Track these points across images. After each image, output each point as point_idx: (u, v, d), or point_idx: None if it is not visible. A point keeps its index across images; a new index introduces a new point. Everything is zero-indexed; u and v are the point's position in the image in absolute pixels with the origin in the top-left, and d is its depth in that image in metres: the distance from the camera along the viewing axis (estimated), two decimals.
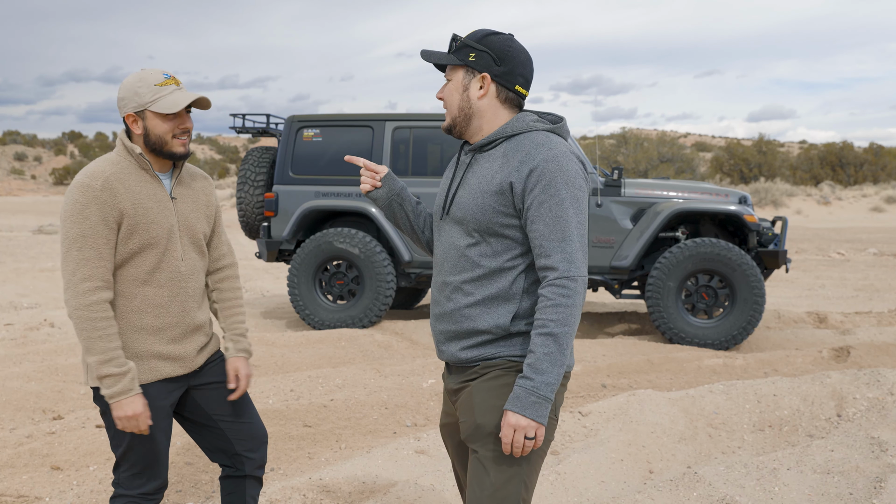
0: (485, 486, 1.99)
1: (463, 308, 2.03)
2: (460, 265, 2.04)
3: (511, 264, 2.00)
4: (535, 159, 1.95)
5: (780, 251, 7.02)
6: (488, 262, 2.00)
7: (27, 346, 6.60)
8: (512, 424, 1.90)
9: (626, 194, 7.21)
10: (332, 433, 4.41)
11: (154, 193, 2.34)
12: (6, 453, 3.90)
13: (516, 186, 1.95)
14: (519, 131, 2.03)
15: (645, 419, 4.16)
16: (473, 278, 2.02)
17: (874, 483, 3.25)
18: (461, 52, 2.05)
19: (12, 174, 56.23)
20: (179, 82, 2.34)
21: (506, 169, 1.98)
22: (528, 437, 1.90)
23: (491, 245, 2.00)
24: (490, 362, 2.02)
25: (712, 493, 3.24)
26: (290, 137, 7.60)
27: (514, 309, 1.99)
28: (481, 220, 1.99)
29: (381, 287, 7.30)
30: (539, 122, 2.05)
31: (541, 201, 1.93)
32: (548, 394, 1.89)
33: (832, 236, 19.95)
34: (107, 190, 2.24)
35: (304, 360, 6.11)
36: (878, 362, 6.03)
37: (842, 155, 37.94)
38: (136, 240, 2.29)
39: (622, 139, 40.37)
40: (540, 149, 1.96)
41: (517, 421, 1.90)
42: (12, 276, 11.36)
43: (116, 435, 2.36)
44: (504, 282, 1.99)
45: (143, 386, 2.35)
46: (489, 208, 1.98)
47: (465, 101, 2.06)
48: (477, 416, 2.02)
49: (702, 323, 6.94)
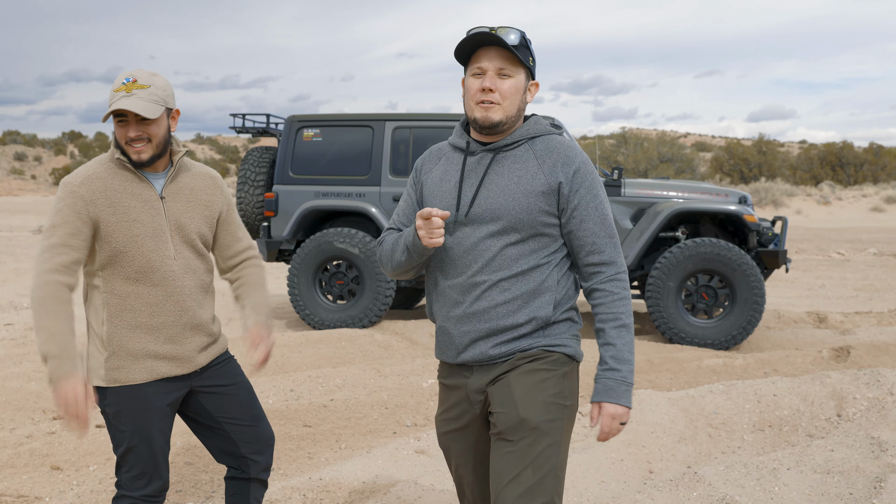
0: (523, 481, 1.98)
1: (500, 305, 2.04)
2: (496, 264, 2.04)
3: (547, 260, 2.05)
4: (576, 161, 2.04)
5: (780, 251, 7.03)
6: (527, 259, 2.04)
7: (27, 346, 6.60)
8: (611, 414, 2.01)
9: (625, 194, 7.21)
10: (332, 433, 4.41)
11: (139, 193, 2.35)
12: (6, 453, 3.90)
13: (563, 186, 2.02)
14: (540, 133, 2.09)
15: (645, 419, 4.16)
16: (511, 275, 2.04)
17: (874, 483, 3.25)
18: (523, 51, 2.03)
19: (12, 174, 56.23)
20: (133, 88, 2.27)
21: (545, 170, 2.03)
22: (622, 422, 2.02)
23: (528, 244, 2.04)
24: (526, 353, 2.05)
25: (712, 493, 3.24)
26: (290, 137, 7.59)
27: (552, 300, 2.04)
28: (525, 220, 2.02)
29: (381, 287, 7.30)
30: (549, 125, 2.13)
31: (587, 201, 2.02)
32: (632, 380, 2.02)
33: (832, 236, 19.95)
34: (84, 185, 2.29)
35: (304, 360, 6.11)
36: (878, 362, 6.03)
37: (842, 155, 37.95)
38: (118, 237, 2.30)
39: (622, 139, 40.38)
40: (574, 151, 2.05)
41: (615, 410, 2.01)
42: (12, 276, 11.36)
43: (116, 436, 2.36)
44: (541, 276, 2.04)
45: (140, 386, 2.34)
46: (535, 208, 2.02)
47: (522, 102, 2.07)
48: (521, 410, 2.01)
49: (702, 323, 6.94)
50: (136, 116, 2.28)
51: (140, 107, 2.26)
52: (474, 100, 2.03)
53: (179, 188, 2.43)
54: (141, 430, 2.35)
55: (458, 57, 2.07)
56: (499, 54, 2.01)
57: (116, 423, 2.36)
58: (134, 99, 2.26)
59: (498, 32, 2.00)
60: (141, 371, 2.34)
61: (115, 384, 2.33)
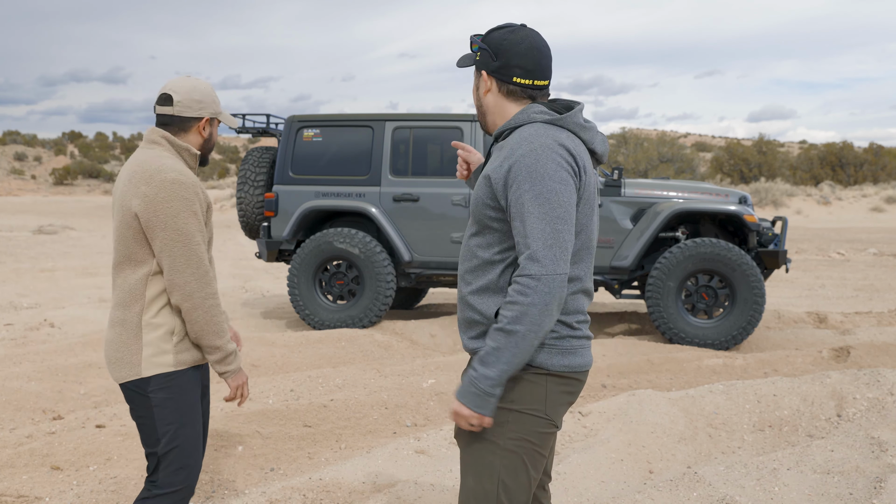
0: (465, 488, 2.02)
1: (464, 297, 2.07)
2: (464, 255, 2.09)
3: (499, 257, 2.01)
4: (515, 155, 1.93)
5: (780, 251, 7.02)
6: (482, 253, 2.03)
7: (27, 346, 6.60)
8: (454, 411, 1.95)
9: (625, 194, 7.21)
10: (332, 433, 4.41)
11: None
12: (6, 453, 3.90)
13: (496, 182, 1.96)
14: (518, 124, 2.02)
15: (645, 419, 4.16)
16: (472, 268, 2.05)
17: (874, 483, 3.25)
18: (471, 53, 2.13)
19: (12, 174, 56.22)
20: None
21: (495, 162, 2.00)
22: (471, 423, 1.92)
23: (485, 237, 2.03)
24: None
25: (712, 493, 3.24)
26: (290, 137, 7.59)
27: (499, 301, 1.99)
28: (475, 211, 2.04)
29: (381, 287, 7.30)
30: (542, 113, 2.02)
31: (516, 198, 1.91)
32: (488, 388, 1.88)
33: (832, 236, 19.95)
34: (196, 186, 2.38)
35: (304, 360, 6.11)
36: (878, 362, 6.03)
37: (842, 155, 37.93)
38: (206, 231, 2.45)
39: (622, 139, 40.38)
40: (521, 144, 1.94)
41: (459, 409, 1.93)
42: (12, 276, 11.36)
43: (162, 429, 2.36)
44: (493, 274, 2.01)
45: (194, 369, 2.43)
46: (479, 199, 2.02)
47: (477, 99, 2.13)
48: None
49: (702, 323, 6.94)
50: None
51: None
52: None
53: None
54: (192, 417, 2.41)
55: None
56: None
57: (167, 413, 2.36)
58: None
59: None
60: (195, 353, 2.43)
61: (183, 366, 2.38)
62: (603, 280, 7.16)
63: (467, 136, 7.25)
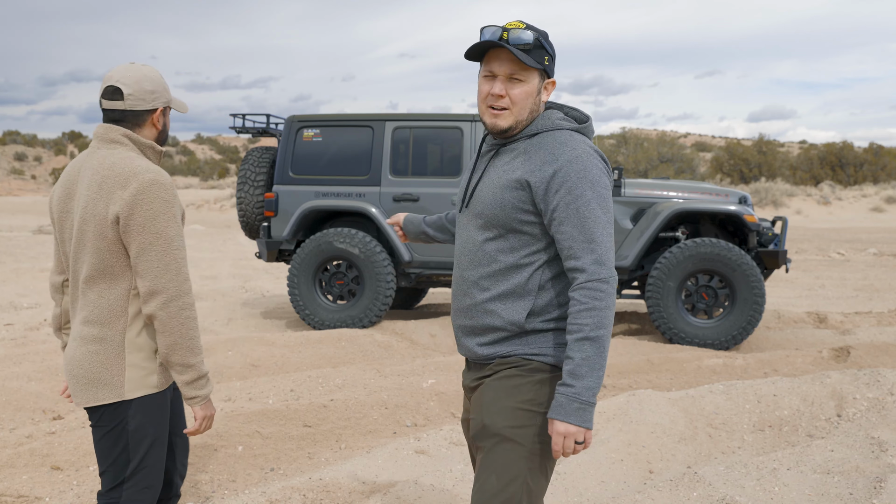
0: (486, 489, 1.98)
1: (480, 303, 2.01)
2: (477, 259, 2.02)
3: (528, 260, 1.97)
4: (559, 160, 1.91)
5: (780, 251, 7.02)
6: (505, 258, 1.98)
7: (27, 346, 6.60)
8: (561, 432, 1.90)
9: (626, 194, 7.21)
10: (332, 433, 4.41)
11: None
12: (6, 453, 3.90)
13: (537, 185, 1.92)
14: (543, 129, 1.99)
15: (645, 419, 4.16)
16: (490, 273, 2.00)
17: (874, 483, 3.25)
18: (537, 53, 1.95)
19: (12, 174, 56.25)
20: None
21: (527, 166, 1.95)
22: (577, 441, 1.90)
23: (508, 240, 1.98)
24: (506, 360, 2.00)
25: (712, 493, 3.24)
26: (290, 137, 7.59)
27: (529, 306, 1.96)
28: (500, 215, 1.97)
29: (381, 287, 7.30)
30: (564, 120, 2.01)
31: (567, 202, 1.89)
32: (590, 398, 1.88)
33: (832, 236, 19.95)
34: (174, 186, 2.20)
35: (304, 360, 6.11)
36: (878, 362, 6.03)
37: (842, 155, 37.93)
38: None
39: (622, 139, 40.39)
40: (563, 148, 1.93)
41: (566, 429, 1.89)
42: (12, 276, 11.36)
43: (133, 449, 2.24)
44: (520, 278, 1.97)
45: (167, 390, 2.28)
46: (507, 203, 1.95)
47: (536, 104, 1.99)
48: (485, 415, 2.01)
49: (702, 323, 6.94)
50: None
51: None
52: (485, 103, 1.99)
53: None
54: (161, 437, 2.28)
55: (470, 55, 1.99)
56: (510, 57, 1.93)
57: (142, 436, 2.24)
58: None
59: (511, 33, 1.91)
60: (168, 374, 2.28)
61: (164, 387, 2.25)
62: None
63: (467, 135, 7.25)
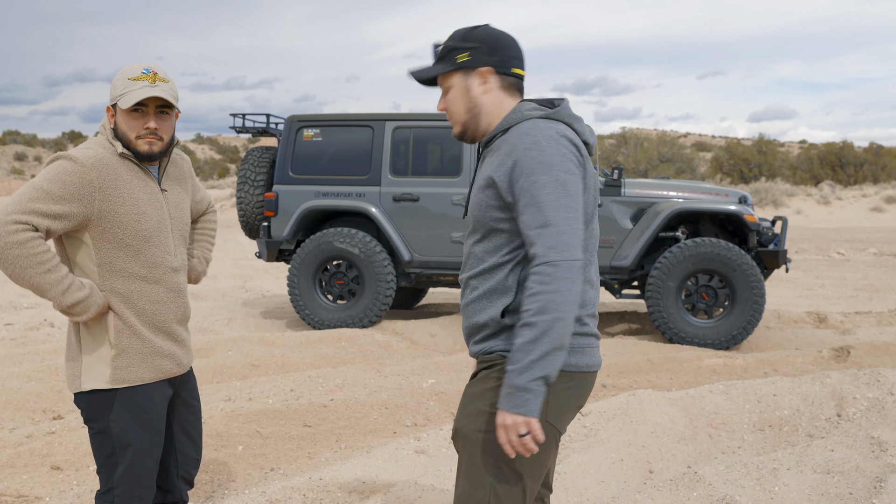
0: (457, 493, 1.99)
1: (470, 303, 2.03)
2: (469, 262, 2.05)
3: (508, 258, 1.96)
4: (518, 149, 1.89)
5: (780, 251, 7.02)
6: (490, 258, 1.99)
7: (27, 346, 6.60)
8: (499, 423, 1.83)
9: (626, 194, 7.21)
10: (332, 433, 4.41)
11: (144, 185, 2.27)
12: (6, 453, 3.90)
13: (500, 180, 1.91)
14: (514, 122, 1.98)
15: (645, 419, 4.16)
16: (477, 273, 2.01)
17: (874, 483, 3.25)
18: (448, 57, 2.02)
19: (12, 174, 56.22)
20: (156, 79, 2.22)
21: (493, 163, 1.95)
22: (521, 434, 1.79)
23: (491, 241, 1.98)
24: (487, 357, 2.00)
25: (712, 493, 3.24)
26: (290, 137, 7.59)
27: (507, 301, 1.95)
28: (479, 216, 1.98)
29: (381, 287, 7.30)
30: (535, 109, 2.00)
31: (524, 190, 1.86)
32: (521, 383, 1.78)
33: (832, 236, 19.94)
34: (95, 170, 2.16)
35: (304, 360, 6.11)
36: (878, 362, 6.03)
37: (842, 155, 37.92)
38: (127, 232, 2.21)
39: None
40: (523, 138, 1.91)
41: (503, 419, 1.82)
42: None
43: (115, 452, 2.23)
44: (501, 275, 1.97)
45: (146, 386, 2.26)
46: (483, 204, 1.97)
47: (470, 102, 2.02)
48: (457, 418, 2.02)
49: (702, 323, 6.94)
50: (156, 109, 2.23)
51: (171, 97, 2.23)
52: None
53: (171, 179, 2.40)
54: (146, 440, 2.25)
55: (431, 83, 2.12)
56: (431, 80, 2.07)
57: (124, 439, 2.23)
58: (159, 89, 2.20)
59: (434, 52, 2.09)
60: (149, 370, 2.27)
61: (123, 384, 2.22)
62: (603, 280, 7.16)
63: None
